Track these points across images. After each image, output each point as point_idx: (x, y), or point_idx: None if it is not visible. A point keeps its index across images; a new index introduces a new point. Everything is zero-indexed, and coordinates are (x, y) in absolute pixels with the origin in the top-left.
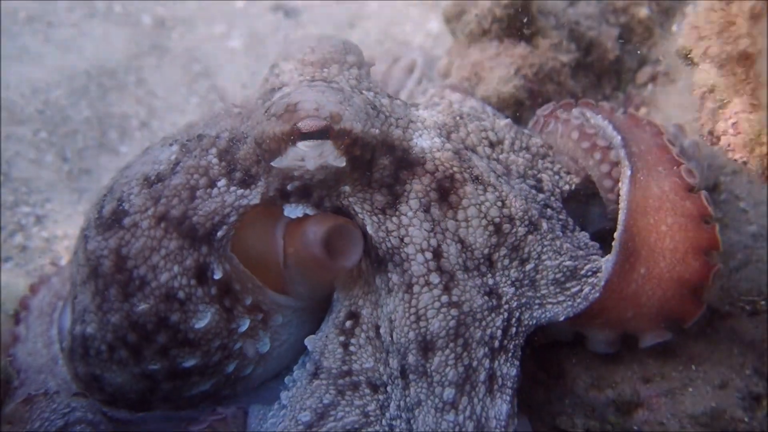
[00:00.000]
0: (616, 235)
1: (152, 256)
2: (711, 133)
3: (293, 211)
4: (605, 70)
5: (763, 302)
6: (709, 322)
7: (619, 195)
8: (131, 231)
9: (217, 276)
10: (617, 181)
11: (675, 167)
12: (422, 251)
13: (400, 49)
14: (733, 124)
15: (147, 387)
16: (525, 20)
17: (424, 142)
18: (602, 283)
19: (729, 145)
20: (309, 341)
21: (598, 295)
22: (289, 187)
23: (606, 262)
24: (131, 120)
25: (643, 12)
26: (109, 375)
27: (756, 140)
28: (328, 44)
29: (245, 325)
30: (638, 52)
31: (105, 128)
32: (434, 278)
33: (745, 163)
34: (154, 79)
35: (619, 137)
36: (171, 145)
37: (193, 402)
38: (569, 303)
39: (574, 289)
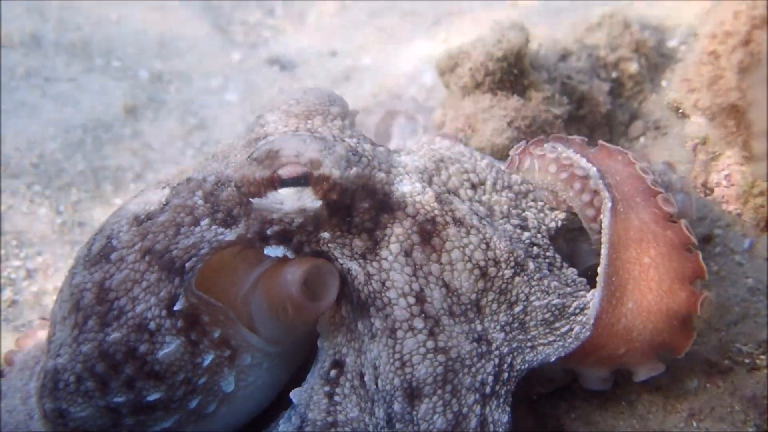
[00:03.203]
0: (599, 269)
1: (134, 288)
2: (704, 185)
3: (273, 251)
4: (598, 123)
5: (762, 357)
6: (709, 378)
7: (601, 225)
8: (116, 265)
9: (177, 307)
10: (599, 210)
11: (652, 197)
12: (404, 296)
13: (392, 102)
14: (726, 176)
15: (110, 421)
16: (517, 74)
17: (405, 187)
18: (592, 321)
19: (722, 197)
20: (294, 394)
21: (588, 333)
22: (268, 232)
23: (593, 299)
24: (126, 172)
25: (633, 67)
26: (74, 409)
27: (749, 192)
28: (313, 96)
29: (208, 359)
30: (631, 106)
31: (99, 180)
32: (418, 323)
33: (739, 215)
34: (150, 132)
35: (594, 168)
36: (163, 188)
37: None
38: (560, 343)
39: (563, 329)
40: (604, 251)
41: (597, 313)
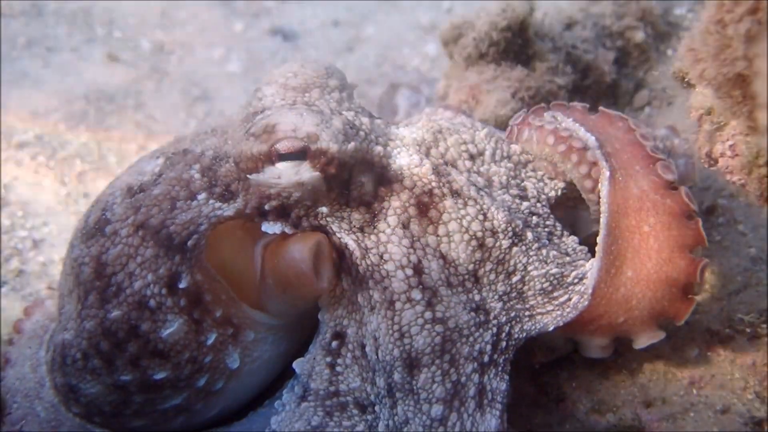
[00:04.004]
0: (599, 239)
1: (129, 263)
2: (708, 155)
3: (271, 227)
4: (602, 93)
5: (763, 325)
6: (710, 346)
7: (599, 196)
8: (111, 239)
9: (182, 285)
10: (597, 181)
11: (651, 164)
12: (402, 268)
13: (396, 74)
14: (731, 146)
15: (120, 399)
16: (522, 44)
17: (403, 159)
18: (590, 290)
19: (727, 168)
20: (297, 364)
21: (587, 303)
22: (266, 207)
23: (591, 269)
24: (130, 143)
25: (639, 36)
26: (83, 385)
27: (754, 162)
28: (310, 69)
29: (212, 338)
30: (637, 75)
31: (103, 152)
32: (416, 294)
33: (743, 185)
34: (153, 103)
35: (593, 138)
36: (157, 158)
37: (167, 415)
38: (558, 313)
39: (562, 299)
40: (603, 220)
41: (595, 283)
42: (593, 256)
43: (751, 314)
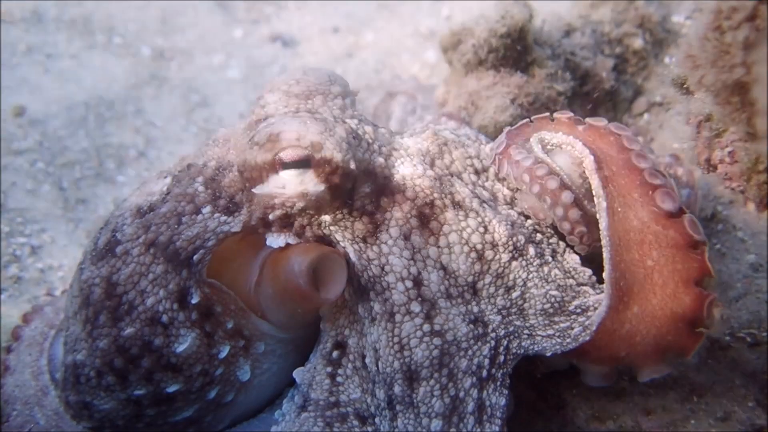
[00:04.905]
0: (605, 275)
1: (141, 281)
2: (708, 161)
3: (275, 240)
4: (601, 100)
5: (763, 333)
6: (710, 354)
7: (581, 237)
8: (122, 259)
9: (194, 300)
10: (575, 223)
11: (650, 192)
12: (402, 280)
13: (393, 82)
14: (730, 152)
15: (133, 413)
16: (521, 50)
17: (406, 169)
18: (594, 327)
19: (726, 174)
20: (297, 373)
21: (588, 338)
22: (270, 216)
23: (599, 305)
24: (129, 150)
25: (637, 43)
26: (97, 402)
27: (753, 168)
28: (313, 76)
29: (225, 351)
30: (635, 82)
31: (102, 158)
32: (415, 307)
33: (742, 191)
34: (153, 109)
35: (592, 157)
36: (165, 177)
37: (177, 428)
38: (558, 340)
39: (562, 325)
40: (606, 255)
41: (601, 320)
42: (596, 275)
43: (751, 322)
